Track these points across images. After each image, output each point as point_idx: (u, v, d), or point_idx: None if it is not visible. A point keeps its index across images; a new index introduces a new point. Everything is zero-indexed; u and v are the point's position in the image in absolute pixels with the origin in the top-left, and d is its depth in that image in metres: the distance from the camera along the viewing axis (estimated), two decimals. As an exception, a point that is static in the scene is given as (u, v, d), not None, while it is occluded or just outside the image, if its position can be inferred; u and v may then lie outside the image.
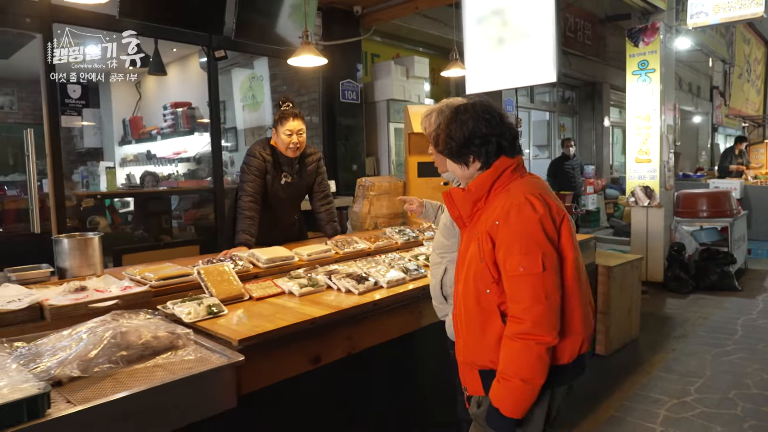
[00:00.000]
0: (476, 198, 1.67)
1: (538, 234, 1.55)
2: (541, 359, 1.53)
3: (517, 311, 1.54)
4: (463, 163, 1.71)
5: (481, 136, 1.66)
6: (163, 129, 7.19)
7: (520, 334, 1.52)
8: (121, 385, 1.60)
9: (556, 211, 1.62)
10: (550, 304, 1.53)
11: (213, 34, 4.42)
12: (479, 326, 1.64)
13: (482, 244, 1.61)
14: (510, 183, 1.66)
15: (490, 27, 4.46)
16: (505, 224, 1.57)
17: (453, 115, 1.73)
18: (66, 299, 2.04)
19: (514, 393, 1.55)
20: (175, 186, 4.85)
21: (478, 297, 1.63)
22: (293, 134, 3.14)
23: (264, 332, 1.92)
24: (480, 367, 1.67)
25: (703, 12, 5.96)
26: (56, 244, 2.44)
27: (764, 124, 12.83)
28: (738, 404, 3.38)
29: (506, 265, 1.55)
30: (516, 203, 1.57)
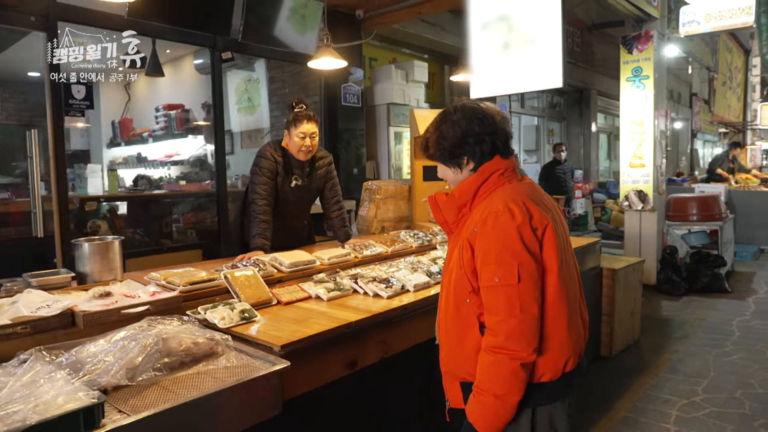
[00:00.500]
0: (461, 203, 1.60)
1: (514, 243, 1.46)
2: (516, 375, 1.44)
3: (491, 323, 1.47)
4: (456, 166, 1.63)
5: (474, 135, 1.58)
6: (155, 131, 7.07)
7: (494, 348, 1.45)
8: (168, 393, 1.56)
9: (538, 220, 1.51)
10: (526, 318, 1.44)
11: (218, 35, 4.37)
12: (458, 336, 1.57)
13: (462, 252, 1.54)
14: (496, 188, 1.57)
15: (495, 32, 4.48)
16: (482, 232, 1.50)
17: (443, 116, 1.66)
18: (96, 305, 1.98)
19: (488, 409, 1.47)
20: (177, 189, 4.76)
21: (458, 306, 1.56)
22: (306, 137, 3.10)
23: (305, 337, 1.89)
24: (460, 378, 1.61)
25: (695, 21, 6.10)
26: (76, 248, 2.37)
27: (744, 130, 13.19)
28: (745, 404, 3.44)
29: (482, 275, 1.49)
30: (494, 210, 1.50)
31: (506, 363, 1.44)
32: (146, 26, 3.87)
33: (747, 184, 9.96)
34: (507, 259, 1.45)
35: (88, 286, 2.29)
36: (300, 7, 5.34)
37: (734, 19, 5.79)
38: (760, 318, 5.29)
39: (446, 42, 6.84)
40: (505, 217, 1.48)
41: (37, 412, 1.26)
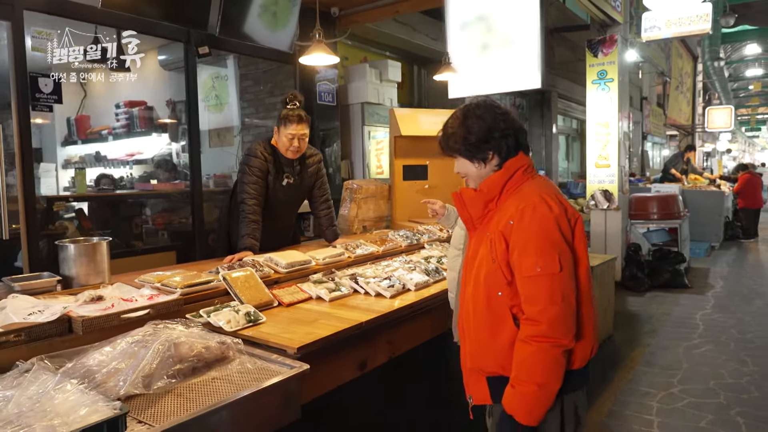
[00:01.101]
0: (488, 199, 1.61)
1: (554, 233, 1.50)
2: (558, 363, 1.47)
3: (532, 313, 1.47)
4: (481, 161, 1.63)
5: (500, 130, 1.60)
6: (115, 129, 6.77)
7: (536, 337, 1.45)
8: (185, 400, 1.48)
9: (571, 212, 1.57)
10: (567, 306, 1.47)
11: (193, 29, 4.21)
12: (489, 330, 1.56)
13: (495, 245, 1.55)
14: (522, 183, 1.60)
15: (474, 33, 4.52)
16: (519, 224, 1.51)
17: (466, 112, 1.66)
18: (91, 310, 1.86)
19: (529, 399, 1.48)
20: (150, 189, 4.55)
21: (489, 299, 1.55)
22: (295, 138, 3.02)
23: (320, 338, 1.83)
24: (489, 373, 1.59)
25: (656, 26, 6.34)
26: (61, 250, 2.22)
27: (693, 132, 13.87)
28: (720, 393, 3.59)
29: (522, 266, 1.49)
30: (531, 203, 1.52)
31: (549, 351, 1.45)
32: (118, 18, 3.69)
33: (696, 184, 10.47)
34: (548, 249, 1.47)
35: (75, 290, 2.16)
36: (270, 4, 5.23)
37: (692, 26, 6.07)
38: (720, 312, 5.55)
39: (417, 42, 6.85)
40: (543, 209, 1.51)
41: (62, 425, 1.16)
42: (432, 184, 4.70)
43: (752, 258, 8.84)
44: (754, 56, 26.39)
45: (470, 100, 1.79)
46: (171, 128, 6.68)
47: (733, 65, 26.89)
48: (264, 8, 5.19)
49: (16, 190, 3.37)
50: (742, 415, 3.28)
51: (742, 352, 4.36)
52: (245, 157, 3.08)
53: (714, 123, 14.44)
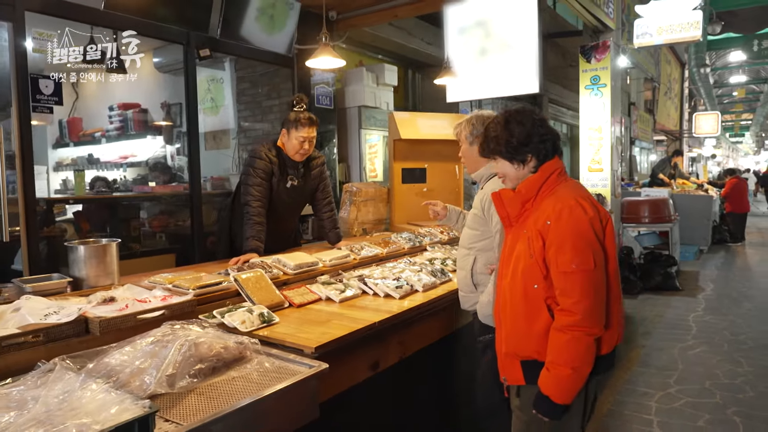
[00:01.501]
0: (525, 199, 1.76)
1: (588, 233, 1.64)
2: (590, 349, 1.63)
3: (567, 305, 1.62)
4: (520, 162, 1.78)
5: (539, 135, 1.76)
6: (108, 131, 6.74)
7: (571, 326, 1.60)
8: (208, 399, 1.49)
9: (603, 214, 1.73)
10: (599, 299, 1.63)
11: (192, 31, 4.20)
12: (525, 319, 1.71)
13: (532, 242, 1.69)
14: (556, 186, 1.75)
15: (472, 37, 4.57)
16: (556, 224, 1.65)
17: (508, 117, 1.82)
18: (106, 311, 1.86)
19: (564, 381, 1.64)
20: (148, 191, 4.53)
21: (526, 291, 1.70)
22: (306, 141, 3.05)
23: (336, 338, 1.85)
24: (523, 357, 1.75)
25: (647, 33, 6.45)
26: (71, 251, 2.22)
27: (681, 137, 14.09)
28: (716, 393, 3.66)
29: (558, 262, 1.63)
30: (567, 205, 1.67)
31: (583, 339, 1.60)
32: (119, 19, 3.67)
33: (684, 188, 10.63)
34: (583, 248, 1.62)
35: (86, 292, 2.15)
36: (268, 7, 5.25)
37: (683, 33, 6.19)
38: (712, 314, 5.64)
39: (411, 46, 6.89)
40: (578, 211, 1.65)
41: (94, 424, 1.16)
42: (430, 187, 4.73)
43: (740, 261, 8.99)
44: (738, 63, 26.93)
45: (511, 107, 1.92)
46: (166, 131, 6.66)
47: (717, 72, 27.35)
48: (261, 11, 5.21)
49: (11, 192, 3.35)
50: (738, 414, 3.34)
51: (736, 353, 4.44)
52: (250, 159, 3.09)
53: (701, 128, 14.68)
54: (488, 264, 2.23)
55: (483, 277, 2.25)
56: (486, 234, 2.25)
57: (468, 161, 2.46)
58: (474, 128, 2.36)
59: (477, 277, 2.27)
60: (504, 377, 1.85)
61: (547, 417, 1.69)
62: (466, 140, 2.41)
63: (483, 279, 2.25)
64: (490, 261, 2.22)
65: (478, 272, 2.26)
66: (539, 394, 1.69)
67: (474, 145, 2.34)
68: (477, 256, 2.27)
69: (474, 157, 2.37)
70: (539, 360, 1.69)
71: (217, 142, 6.41)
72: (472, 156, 2.38)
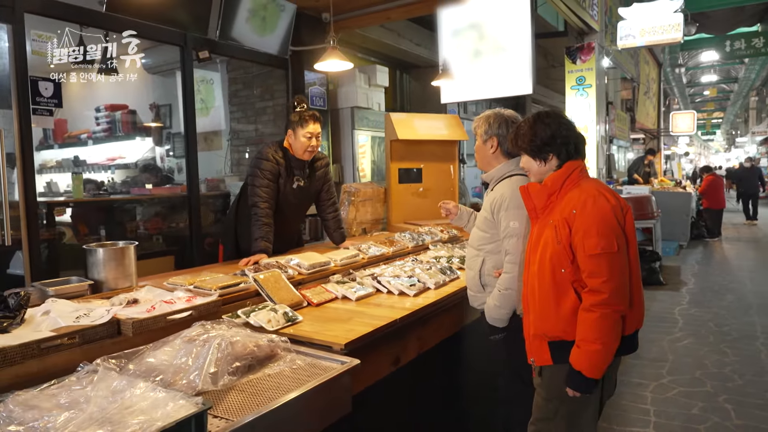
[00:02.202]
0: (551, 191, 1.92)
1: (612, 220, 1.80)
2: (617, 324, 1.77)
3: (595, 285, 1.76)
4: (542, 160, 1.96)
5: (562, 137, 1.92)
6: (95, 133, 6.66)
7: (599, 305, 1.74)
8: (250, 396, 1.53)
9: (623, 204, 1.89)
10: (623, 279, 1.77)
11: (189, 33, 4.20)
12: (554, 301, 1.85)
13: (559, 230, 1.84)
14: (579, 181, 1.91)
15: (466, 40, 4.66)
16: (582, 212, 1.81)
17: (536, 118, 1.99)
18: (137, 312, 1.88)
19: (594, 356, 1.77)
20: (147, 193, 4.49)
21: (554, 275, 1.85)
22: (313, 137, 3.09)
23: (363, 335, 1.90)
24: (551, 338, 1.88)
25: (630, 35, 6.63)
26: (90, 254, 2.22)
27: (659, 136, 14.45)
28: (706, 383, 3.80)
29: (585, 246, 1.78)
30: (591, 195, 1.83)
31: (611, 315, 1.74)
32: (117, 21, 3.66)
33: (663, 185, 10.91)
34: (607, 233, 1.77)
35: (106, 294, 2.16)
36: (259, 9, 5.26)
37: (665, 35, 6.38)
38: (696, 306, 5.84)
39: (401, 47, 6.96)
40: (601, 200, 1.82)
41: (152, 421, 1.20)
42: (426, 187, 4.80)
43: (718, 256, 9.28)
44: (710, 63, 27.66)
45: (545, 110, 2.09)
46: (155, 132, 6.61)
47: (690, 71, 28.05)
48: (253, 13, 5.22)
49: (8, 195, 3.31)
50: (729, 402, 3.49)
51: (722, 344, 4.61)
52: (256, 161, 3.11)
53: (678, 127, 15.07)
54: (496, 267, 2.28)
55: (491, 279, 2.29)
56: (495, 237, 2.28)
57: (479, 158, 2.47)
58: (489, 127, 2.36)
59: (485, 278, 2.31)
60: (532, 359, 1.98)
61: (579, 391, 1.82)
62: (480, 137, 2.42)
63: (491, 280, 2.29)
64: (499, 263, 2.26)
65: (486, 273, 2.31)
66: (571, 371, 1.81)
67: (486, 144, 2.39)
68: (486, 258, 2.31)
69: (486, 156, 2.42)
70: (566, 339, 1.83)
71: (208, 143, 6.40)
72: (484, 154, 2.42)
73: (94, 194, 4.36)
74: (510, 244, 2.19)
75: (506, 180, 2.33)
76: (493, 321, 2.27)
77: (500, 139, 2.37)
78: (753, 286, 6.78)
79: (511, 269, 2.18)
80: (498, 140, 2.37)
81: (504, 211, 2.22)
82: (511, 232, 2.19)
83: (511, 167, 2.36)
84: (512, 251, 2.18)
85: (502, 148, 2.37)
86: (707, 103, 35.45)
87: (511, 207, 2.21)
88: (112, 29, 3.67)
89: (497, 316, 2.24)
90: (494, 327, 2.29)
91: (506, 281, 2.19)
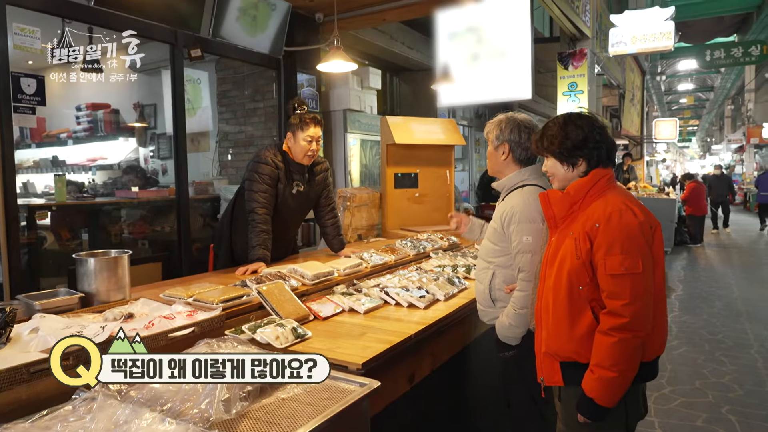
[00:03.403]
0: (573, 201, 1.77)
1: (638, 237, 1.64)
2: (636, 352, 1.63)
3: (615, 307, 1.61)
4: (570, 164, 1.79)
5: (594, 141, 1.76)
6: (76, 132, 6.43)
7: (618, 329, 1.60)
8: (265, 424, 1.40)
9: (652, 220, 1.71)
10: (646, 302, 1.63)
11: (179, 30, 4.03)
12: (568, 320, 1.70)
13: (580, 244, 1.69)
14: (605, 190, 1.75)
15: (464, 43, 4.58)
16: (606, 227, 1.65)
17: (567, 119, 1.82)
18: (134, 329, 1.73)
19: (609, 384, 1.63)
20: (133, 197, 4.29)
21: (570, 292, 1.70)
22: (313, 141, 2.97)
23: (380, 353, 1.78)
24: (562, 359, 1.74)
25: (622, 42, 6.64)
26: (80, 264, 2.06)
27: (642, 143, 14.63)
28: (707, 393, 3.77)
29: (606, 264, 1.63)
30: (618, 208, 1.67)
31: (630, 341, 1.59)
32: (107, 16, 3.49)
33: (646, 192, 11.02)
34: (632, 251, 1.61)
35: (98, 308, 2.01)
36: (250, 8, 5.12)
37: (656, 42, 6.40)
38: (688, 314, 5.84)
39: (394, 50, 6.86)
40: (629, 215, 1.65)
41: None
42: (422, 193, 4.70)
43: (703, 262, 9.37)
44: (687, 72, 28.25)
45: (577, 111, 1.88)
46: (138, 133, 6.41)
47: (667, 80, 28.61)
48: (243, 12, 5.07)
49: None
50: (733, 413, 3.45)
51: (717, 352, 4.60)
52: (254, 165, 2.97)
53: (661, 134, 15.29)
54: (507, 281, 2.17)
55: (501, 293, 2.18)
56: (506, 250, 2.17)
57: (491, 165, 2.35)
58: (501, 132, 2.25)
59: (495, 292, 2.20)
60: (542, 377, 1.85)
61: (590, 419, 1.69)
62: (491, 143, 2.30)
63: (501, 295, 2.18)
64: (510, 277, 2.16)
65: (496, 288, 2.19)
66: (583, 396, 1.68)
67: (498, 150, 2.28)
68: (496, 271, 2.20)
69: (497, 163, 2.30)
70: (579, 361, 1.70)
71: (194, 144, 6.20)
72: (496, 161, 2.30)
73: (76, 197, 4.16)
74: (523, 261, 2.07)
75: (518, 190, 2.22)
76: (505, 339, 2.16)
77: (512, 146, 2.26)
78: (740, 292, 6.83)
79: (526, 287, 2.05)
80: (510, 146, 2.26)
81: (515, 225, 2.11)
82: (524, 248, 2.07)
83: (524, 176, 2.25)
84: (526, 268, 2.06)
85: (514, 155, 2.27)
86: (684, 110, 36.23)
87: (522, 220, 2.10)
88: (99, 24, 3.51)
89: (510, 335, 2.13)
90: (505, 344, 2.18)
91: (521, 300, 2.07)
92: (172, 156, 4.28)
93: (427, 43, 7.40)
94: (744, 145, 23.29)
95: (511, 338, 2.14)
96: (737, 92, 27.55)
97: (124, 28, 3.63)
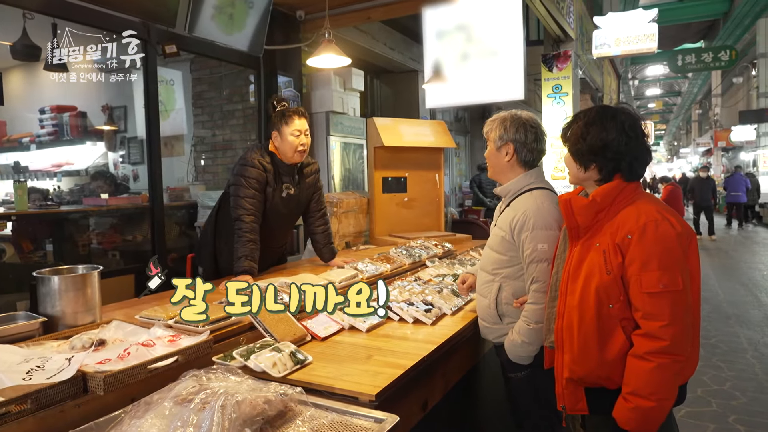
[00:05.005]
0: (600, 209, 1.59)
1: (677, 251, 1.49)
2: (676, 377, 1.48)
3: (653, 329, 1.45)
4: (582, 166, 1.65)
5: (615, 152, 1.58)
6: (39, 136, 6.06)
7: (658, 353, 1.44)
8: (269, 477, 1.17)
9: (687, 230, 1.56)
10: (687, 323, 1.48)
11: (152, 24, 3.75)
12: (597, 341, 1.53)
13: (609, 257, 1.53)
14: (634, 197, 1.58)
15: (453, 42, 4.41)
16: (641, 239, 1.49)
17: (599, 113, 1.63)
18: (106, 361, 1.47)
19: (647, 414, 1.46)
20: (103, 204, 3.96)
21: (599, 311, 1.53)
22: (301, 134, 2.75)
23: (394, 380, 1.56)
24: (588, 384, 1.58)
25: (606, 44, 6.59)
26: (42, 283, 1.78)
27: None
28: (711, 402, 3.65)
29: (642, 281, 1.47)
30: (653, 219, 1.50)
31: (670, 367, 1.44)
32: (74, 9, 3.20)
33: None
34: (671, 266, 1.46)
35: (63, 333, 1.74)
36: (226, 6, 4.86)
37: (640, 44, 6.37)
38: (677, 317, 5.77)
39: (376, 51, 6.66)
40: (665, 226, 1.49)
41: None
42: (411, 197, 4.50)
43: (683, 264, 9.41)
44: (655, 77, 28.88)
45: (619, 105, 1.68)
46: (107, 136, 6.06)
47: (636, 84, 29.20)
48: (218, 9, 4.81)
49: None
50: (740, 422, 3.33)
51: (713, 357, 4.51)
52: (240, 168, 2.72)
53: (636, 137, 15.45)
54: (516, 294, 1.99)
55: (510, 308, 2.00)
56: (515, 260, 1.99)
57: (493, 167, 2.16)
58: (505, 132, 2.07)
59: (502, 307, 2.02)
60: (563, 405, 1.66)
61: None
62: (493, 143, 2.12)
63: (510, 309, 2.00)
64: (519, 290, 1.98)
65: (503, 302, 2.02)
66: (616, 428, 1.51)
67: (501, 151, 2.10)
68: (503, 284, 2.02)
69: (499, 165, 2.12)
70: (608, 388, 1.54)
71: (168, 148, 5.88)
72: (498, 163, 2.12)
73: (40, 205, 3.82)
74: (538, 270, 1.89)
75: (527, 194, 2.04)
76: (518, 359, 1.96)
77: (517, 146, 2.08)
78: (725, 295, 6.83)
79: (540, 299, 1.88)
80: (515, 147, 2.08)
81: (528, 232, 1.93)
82: (540, 257, 1.89)
83: (531, 179, 2.08)
84: (541, 278, 1.88)
85: (518, 157, 2.09)
86: (652, 115, 37.05)
87: (538, 227, 1.92)
88: (61, 17, 3.22)
89: (524, 354, 1.94)
90: (515, 365, 1.99)
91: (535, 314, 1.89)
92: (145, 161, 3.98)
93: (408, 45, 7.23)
94: (712, 148, 23.86)
95: (524, 357, 1.95)
96: (704, 97, 28.29)
97: (91, 22, 3.36)
